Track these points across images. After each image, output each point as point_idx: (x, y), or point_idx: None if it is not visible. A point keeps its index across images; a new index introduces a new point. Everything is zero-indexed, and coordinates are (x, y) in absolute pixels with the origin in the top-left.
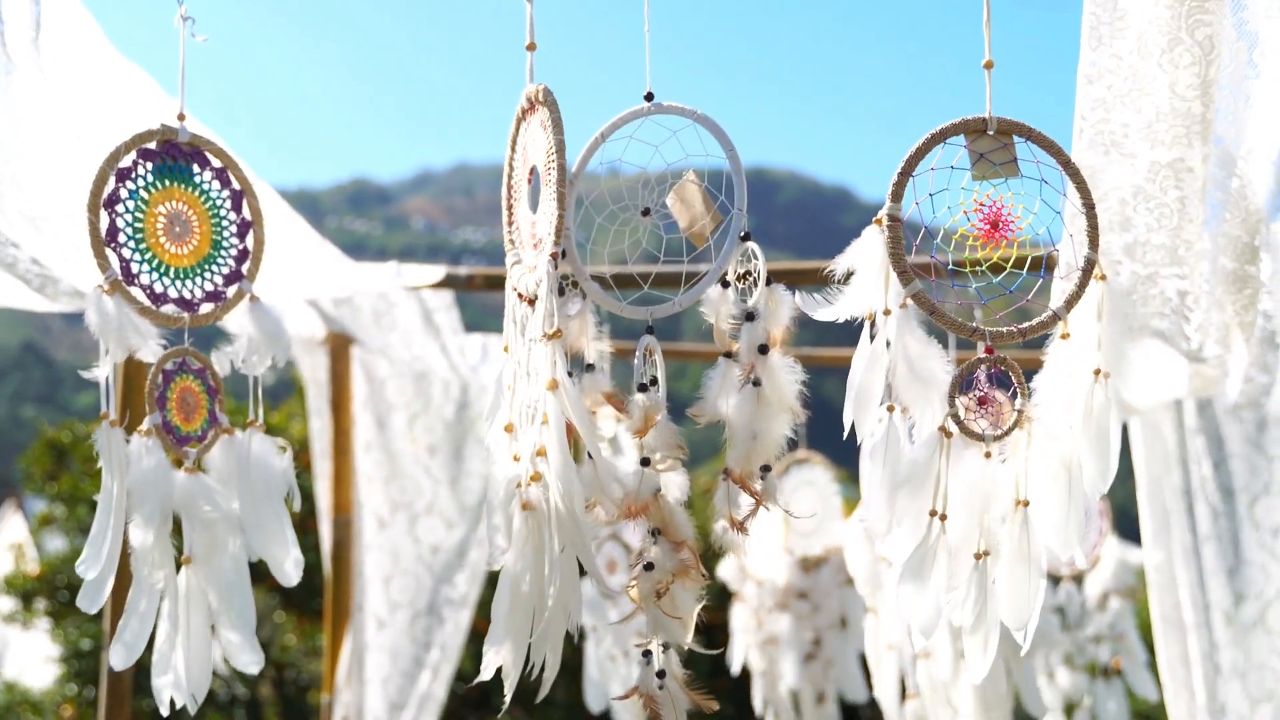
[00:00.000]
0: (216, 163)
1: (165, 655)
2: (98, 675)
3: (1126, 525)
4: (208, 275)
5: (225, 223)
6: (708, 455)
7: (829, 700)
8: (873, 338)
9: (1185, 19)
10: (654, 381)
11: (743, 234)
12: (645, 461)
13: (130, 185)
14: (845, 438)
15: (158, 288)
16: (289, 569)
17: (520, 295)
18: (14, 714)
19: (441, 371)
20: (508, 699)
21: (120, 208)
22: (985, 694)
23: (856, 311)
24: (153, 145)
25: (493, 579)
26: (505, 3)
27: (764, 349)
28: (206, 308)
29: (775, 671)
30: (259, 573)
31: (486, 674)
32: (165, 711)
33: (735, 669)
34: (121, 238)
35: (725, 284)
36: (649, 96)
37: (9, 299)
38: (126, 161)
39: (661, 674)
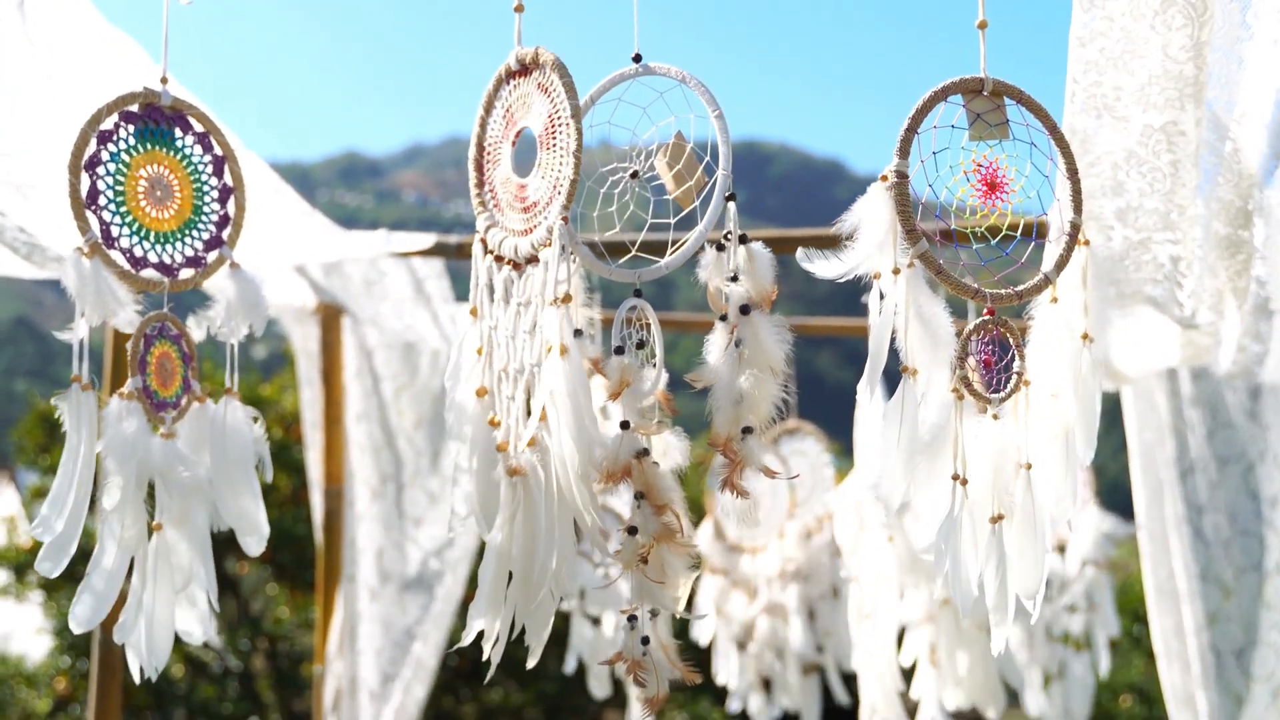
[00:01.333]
0: (199, 127)
1: (128, 624)
2: (90, 648)
3: (1119, 498)
4: (188, 240)
5: (206, 188)
6: (699, 428)
7: (825, 669)
8: (881, 297)
9: None
10: (641, 345)
11: (728, 195)
12: (625, 424)
13: (111, 148)
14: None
15: (138, 251)
16: (255, 540)
17: (499, 258)
18: (7, 687)
19: (432, 341)
20: (493, 666)
21: (101, 170)
22: (974, 669)
23: (863, 270)
24: (135, 108)
25: (483, 551)
26: None
27: (745, 309)
28: (187, 273)
29: (773, 642)
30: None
31: (467, 639)
32: (137, 678)
33: (705, 640)
34: (102, 200)
35: (720, 247)
36: (637, 58)
37: None
38: (108, 124)
39: (646, 640)
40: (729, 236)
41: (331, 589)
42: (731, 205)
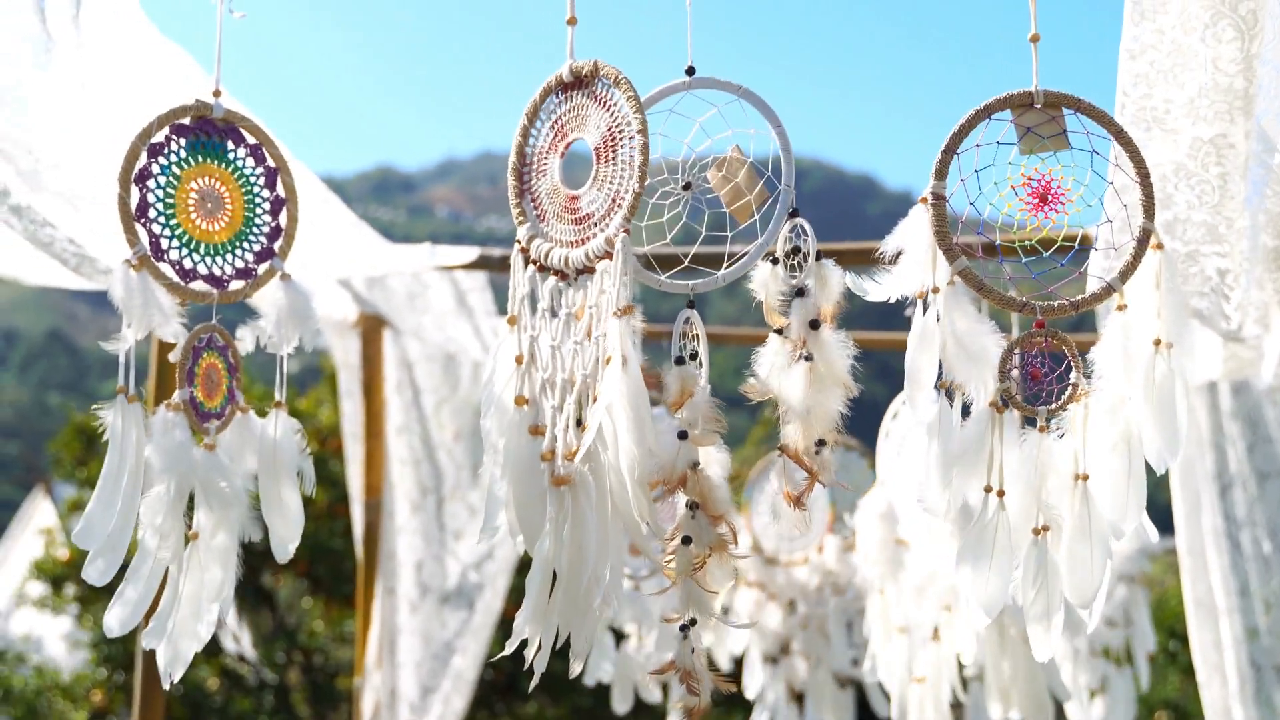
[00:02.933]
0: (251, 139)
1: (159, 628)
2: (127, 659)
3: (1154, 513)
4: (239, 252)
5: (258, 200)
6: (734, 443)
7: (862, 682)
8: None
9: None
10: (694, 356)
11: (791, 210)
12: (683, 435)
13: (162, 161)
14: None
15: (187, 264)
16: (287, 548)
17: (543, 268)
18: (44, 698)
19: (474, 353)
20: (537, 675)
21: (151, 183)
22: (1020, 681)
23: (906, 290)
24: (186, 121)
25: (523, 564)
26: None
27: (815, 324)
28: (237, 284)
29: (809, 655)
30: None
31: (510, 648)
32: (165, 684)
33: (738, 650)
34: (152, 213)
35: (775, 260)
36: (690, 71)
37: (46, 278)
38: (159, 137)
39: (694, 649)
40: (796, 253)
41: (371, 601)
42: (805, 222)
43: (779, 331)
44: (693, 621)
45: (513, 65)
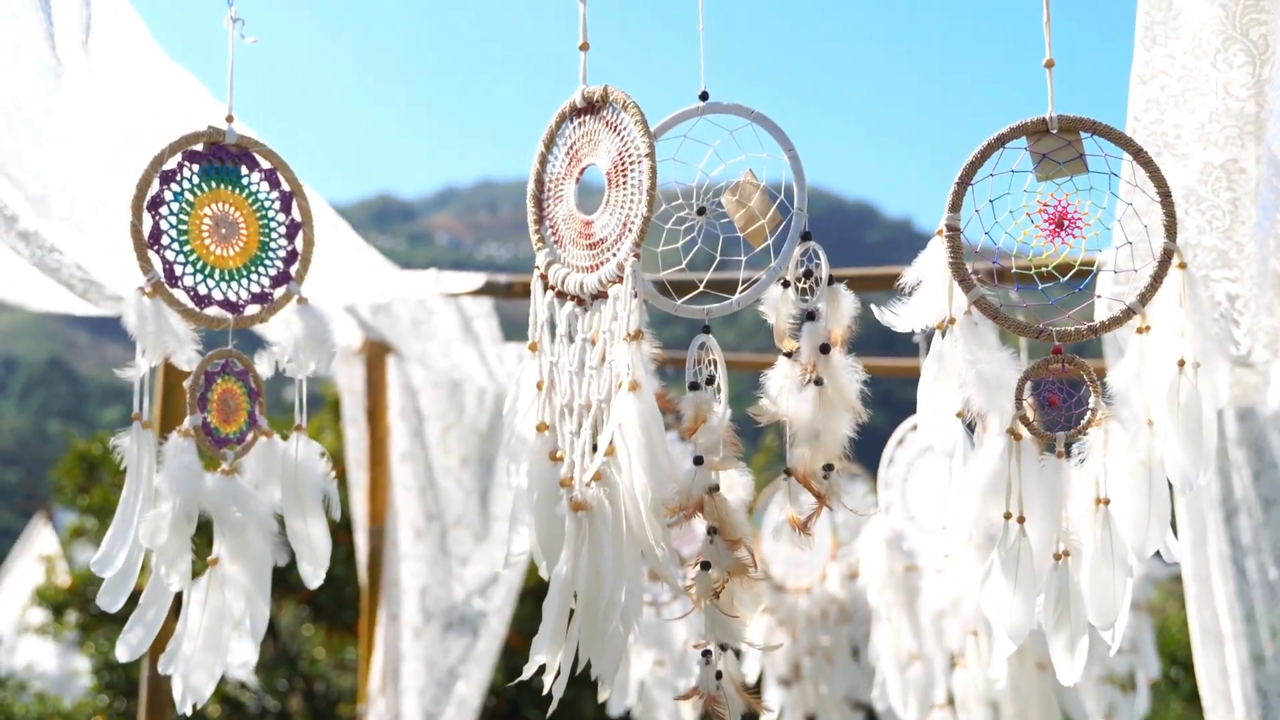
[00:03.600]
0: (265, 164)
1: (174, 654)
2: (129, 687)
3: None
4: (254, 277)
5: (274, 224)
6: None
7: (857, 710)
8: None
9: (1240, 18)
10: (710, 380)
11: (804, 234)
12: (698, 460)
13: (175, 187)
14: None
15: (201, 290)
16: (314, 571)
17: (561, 294)
18: None
19: (479, 379)
20: (555, 701)
21: (164, 210)
22: (1036, 705)
23: (926, 321)
24: (199, 147)
25: (527, 591)
26: (529, 21)
27: (825, 348)
28: (253, 309)
29: (818, 681)
30: (290, 585)
31: (528, 673)
32: (183, 710)
33: (752, 678)
34: (165, 240)
35: (785, 284)
36: (704, 96)
37: (52, 304)
38: (171, 164)
39: (719, 675)
40: (808, 277)
41: (374, 628)
42: (818, 246)
43: (788, 355)
44: (723, 647)
45: (512, 94)
